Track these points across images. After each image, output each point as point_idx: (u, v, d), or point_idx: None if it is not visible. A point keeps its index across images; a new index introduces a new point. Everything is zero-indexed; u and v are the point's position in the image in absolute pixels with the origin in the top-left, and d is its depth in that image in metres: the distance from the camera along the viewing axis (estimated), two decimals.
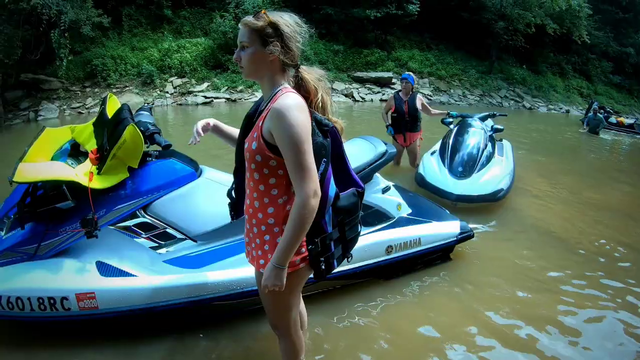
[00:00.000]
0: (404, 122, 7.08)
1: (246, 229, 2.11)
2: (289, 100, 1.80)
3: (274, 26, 1.87)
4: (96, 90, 16.34)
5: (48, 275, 2.78)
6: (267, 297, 2.06)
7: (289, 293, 2.03)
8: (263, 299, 2.14)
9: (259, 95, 17.23)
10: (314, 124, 1.89)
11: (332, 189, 1.99)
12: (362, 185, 2.18)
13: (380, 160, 3.82)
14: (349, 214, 2.08)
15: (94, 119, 3.41)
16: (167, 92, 17.21)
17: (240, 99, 17.59)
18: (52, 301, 2.74)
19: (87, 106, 15.44)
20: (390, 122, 7.25)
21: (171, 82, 17.66)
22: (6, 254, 2.84)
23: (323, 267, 1.98)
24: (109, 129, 2.91)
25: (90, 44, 17.42)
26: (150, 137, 2.95)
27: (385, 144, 4.02)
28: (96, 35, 17.11)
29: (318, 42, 21.98)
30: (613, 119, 19.27)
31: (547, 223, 5.75)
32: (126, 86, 16.84)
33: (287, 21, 1.91)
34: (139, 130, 2.77)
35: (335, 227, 2.02)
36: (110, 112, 3.19)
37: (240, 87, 18.30)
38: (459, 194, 5.73)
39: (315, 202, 1.80)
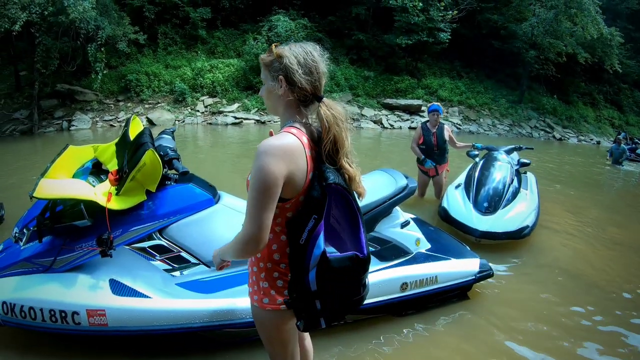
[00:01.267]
0: (432, 153, 6.90)
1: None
2: (271, 142, 1.75)
3: (280, 60, 1.86)
4: (129, 104, 16.74)
5: (61, 288, 2.84)
6: (259, 331, 2.05)
7: (275, 330, 2.00)
8: (259, 333, 2.10)
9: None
10: (312, 175, 1.84)
11: (319, 248, 1.83)
12: (366, 252, 1.91)
13: (401, 195, 3.80)
14: (339, 278, 1.89)
15: (117, 139, 3.48)
16: (198, 111, 17.51)
17: (269, 121, 17.78)
18: (63, 314, 2.79)
19: (119, 119, 15.82)
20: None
21: (202, 101, 17.97)
22: (23, 264, 2.92)
23: (303, 322, 1.89)
24: (130, 152, 2.97)
25: (125, 60, 18.00)
26: (169, 162, 3.02)
27: (407, 177, 4.00)
28: (132, 51, 17.71)
29: (349, 67, 22.22)
30: None
31: (572, 263, 5.54)
32: (158, 102, 17.18)
33: (294, 52, 1.87)
34: (157, 156, 2.82)
35: (323, 287, 1.86)
36: (132, 134, 3.25)
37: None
38: (483, 231, 5.53)
39: (247, 248, 1.80)
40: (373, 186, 3.82)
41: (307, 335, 2.42)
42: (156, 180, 2.93)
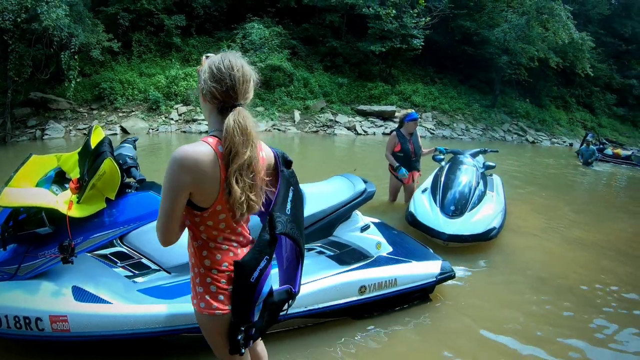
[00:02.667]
0: (410, 160, 6.87)
1: None
2: (182, 151, 1.81)
3: (200, 69, 1.94)
4: (103, 113, 16.60)
5: (25, 295, 2.87)
6: (204, 335, 2.11)
7: (216, 334, 2.04)
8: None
9: (262, 126, 17.47)
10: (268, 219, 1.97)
11: (267, 286, 2.04)
12: (297, 289, 2.19)
13: (359, 199, 3.86)
14: (276, 310, 2.13)
15: (80, 148, 3.53)
16: (172, 119, 17.43)
17: None
18: (27, 320, 2.82)
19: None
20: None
21: (176, 109, 17.89)
22: None
23: (238, 345, 1.99)
24: (90, 160, 3.03)
25: (99, 67, 17.84)
26: (127, 170, 3.07)
27: (365, 182, 4.06)
28: (106, 59, 17.57)
29: (323, 74, 22.38)
30: (609, 151, 19.35)
31: (540, 264, 5.62)
32: (132, 111, 17.07)
33: (210, 62, 1.91)
34: (116, 164, 2.89)
35: (262, 317, 2.06)
36: (94, 143, 3.29)
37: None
38: (451, 234, 5.59)
39: (158, 239, 1.97)
40: (331, 191, 3.92)
41: (259, 339, 2.45)
42: (115, 188, 2.98)
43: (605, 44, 32.36)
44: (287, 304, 2.17)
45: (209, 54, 1.98)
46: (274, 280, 2.19)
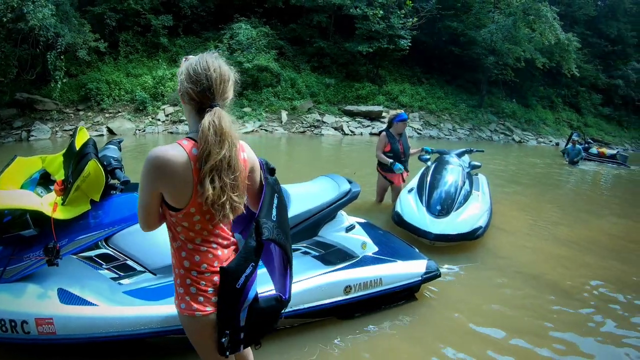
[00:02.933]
0: (400, 160, 6.81)
1: None
2: (155, 153, 1.82)
3: (179, 71, 1.95)
4: (89, 113, 16.51)
5: (11, 298, 2.86)
6: (187, 336, 2.10)
7: (197, 335, 2.05)
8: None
9: (249, 126, 17.40)
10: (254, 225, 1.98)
11: (253, 291, 2.02)
12: (288, 295, 2.15)
13: (344, 199, 3.88)
14: (266, 317, 2.09)
15: (64, 150, 3.52)
16: (159, 120, 17.36)
17: None
18: (13, 324, 2.81)
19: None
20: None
21: (163, 109, 17.82)
22: None
23: (223, 348, 1.99)
24: (75, 162, 3.02)
25: (86, 68, 17.71)
26: (111, 172, 3.07)
27: (350, 182, 4.08)
28: (92, 60, 17.45)
29: (310, 75, 22.43)
30: (594, 150, 19.59)
31: (527, 262, 5.66)
32: (119, 112, 17.00)
33: (187, 63, 1.92)
34: (100, 165, 2.88)
35: (249, 322, 2.03)
36: (78, 144, 3.28)
37: (231, 119, 18.22)
38: (437, 233, 5.60)
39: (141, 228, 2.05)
40: (316, 191, 3.94)
41: None
42: (100, 190, 2.97)
43: (591, 45, 32.79)
44: (280, 312, 2.15)
45: (188, 56, 1.98)
46: (265, 282, 2.20)
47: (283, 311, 2.15)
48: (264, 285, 2.66)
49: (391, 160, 6.74)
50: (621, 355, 3.79)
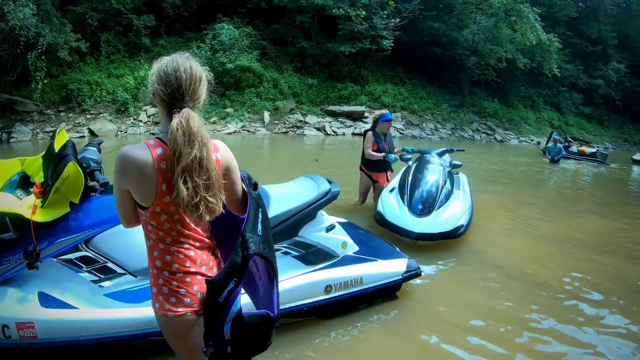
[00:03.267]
0: (385, 161, 6.82)
1: None
2: (123, 152, 1.84)
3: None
4: (70, 115, 16.37)
5: None
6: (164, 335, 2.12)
7: (172, 336, 2.07)
8: None
9: (231, 127, 17.37)
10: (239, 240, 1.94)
11: (236, 306, 1.99)
12: (276, 312, 2.06)
13: (323, 199, 3.89)
14: (249, 331, 2.04)
15: (44, 152, 3.50)
16: (141, 121, 17.25)
17: (213, 131, 17.63)
18: None
19: None
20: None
21: (145, 110, 17.71)
22: None
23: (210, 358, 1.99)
24: (54, 164, 3.01)
25: (67, 68, 17.54)
26: (90, 173, 3.07)
27: (330, 182, 4.09)
28: (73, 60, 17.25)
29: (293, 75, 22.48)
30: (574, 148, 19.89)
31: (506, 259, 5.71)
32: (100, 113, 16.86)
33: (157, 64, 1.92)
34: (79, 167, 2.87)
35: (235, 337, 2.01)
36: (57, 146, 3.26)
37: (213, 119, 18.45)
38: (419, 232, 5.61)
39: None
40: (296, 191, 3.96)
41: None
42: (79, 192, 2.96)
43: (572, 45, 33.22)
44: (270, 329, 2.09)
45: (162, 57, 1.97)
46: None
47: (273, 328, 2.09)
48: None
49: (384, 153, 6.75)
50: (601, 341, 3.89)
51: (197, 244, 2.03)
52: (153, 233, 1.96)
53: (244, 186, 2.16)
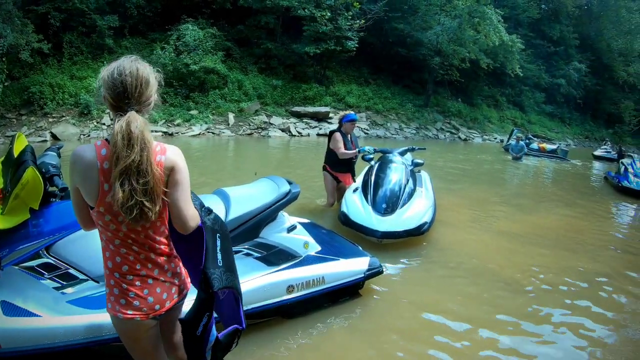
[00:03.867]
0: (350, 161, 6.94)
1: None
2: (74, 151, 1.90)
3: None
4: (32, 118, 15.99)
5: None
6: None
7: (123, 336, 2.11)
8: None
9: (195, 129, 17.27)
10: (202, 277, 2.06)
11: (213, 335, 2.13)
12: (244, 324, 2.28)
13: (283, 200, 3.95)
14: (226, 350, 2.25)
15: (2, 158, 3.47)
16: (104, 124, 16.93)
17: (177, 133, 17.51)
18: None
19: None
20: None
21: (108, 113, 17.14)
22: None
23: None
24: (13, 170, 2.98)
25: (28, 70, 17.05)
26: (49, 179, 3.05)
27: (290, 183, 4.14)
28: (35, 61, 16.83)
29: (257, 76, 22.43)
30: (535, 145, 20.49)
31: (470, 254, 5.83)
32: (63, 116, 16.53)
33: (106, 68, 1.93)
34: (37, 173, 2.84)
35: (215, 354, 2.21)
36: (16, 151, 3.22)
37: (177, 121, 18.29)
38: (384, 231, 5.64)
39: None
40: (256, 193, 4.01)
41: (177, 329, 2.39)
42: (38, 198, 2.92)
43: (535, 46, 33.98)
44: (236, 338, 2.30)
45: (110, 63, 1.98)
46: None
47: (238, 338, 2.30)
48: None
49: (359, 148, 6.85)
50: (562, 335, 4.03)
51: (146, 247, 2.01)
52: (103, 234, 1.98)
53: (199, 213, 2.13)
